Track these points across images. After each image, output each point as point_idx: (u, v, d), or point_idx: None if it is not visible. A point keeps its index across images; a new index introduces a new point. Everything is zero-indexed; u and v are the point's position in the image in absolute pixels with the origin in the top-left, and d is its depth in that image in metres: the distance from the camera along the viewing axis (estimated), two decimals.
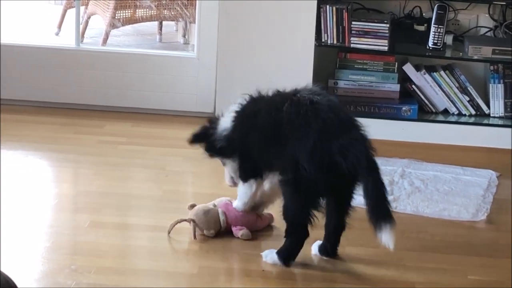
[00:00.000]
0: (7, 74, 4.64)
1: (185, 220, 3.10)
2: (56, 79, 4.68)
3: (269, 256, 2.91)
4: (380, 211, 2.70)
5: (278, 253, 2.89)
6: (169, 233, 3.11)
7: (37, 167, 3.89)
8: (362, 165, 2.70)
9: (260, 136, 2.91)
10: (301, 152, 2.75)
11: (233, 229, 3.10)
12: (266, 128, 2.88)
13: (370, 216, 2.71)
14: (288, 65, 4.20)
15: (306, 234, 2.87)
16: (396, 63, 4.36)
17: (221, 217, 3.09)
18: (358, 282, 2.79)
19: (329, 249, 2.97)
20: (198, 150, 4.14)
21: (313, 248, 2.99)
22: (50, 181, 3.79)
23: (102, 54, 4.72)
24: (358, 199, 2.85)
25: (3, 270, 1.70)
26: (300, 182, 2.77)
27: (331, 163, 2.72)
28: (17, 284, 1.74)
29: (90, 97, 4.67)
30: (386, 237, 2.70)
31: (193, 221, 3.08)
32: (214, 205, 3.15)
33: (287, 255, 2.88)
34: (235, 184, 3.13)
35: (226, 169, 3.15)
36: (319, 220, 2.89)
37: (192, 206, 3.15)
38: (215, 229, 3.10)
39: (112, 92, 4.67)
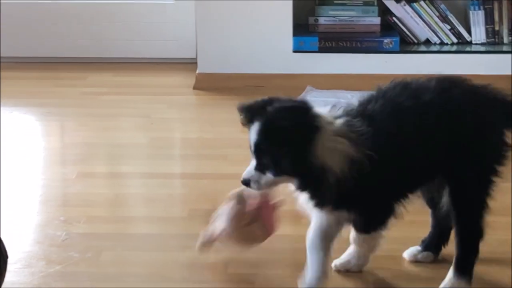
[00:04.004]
0: None
1: None
2: (32, 33, 4.63)
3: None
4: None
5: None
6: None
7: (22, 122, 3.88)
8: None
9: None
10: None
11: None
12: None
13: None
14: (267, 3, 4.17)
15: None
16: None
17: None
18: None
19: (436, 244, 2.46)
20: (182, 97, 4.17)
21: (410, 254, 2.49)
22: (36, 135, 3.78)
23: (77, 5, 4.66)
24: None
25: None
26: None
27: None
28: (7, 238, 1.74)
29: (69, 49, 4.63)
30: None
31: None
32: None
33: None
34: None
35: None
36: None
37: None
38: None
39: (92, 43, 4.63)
